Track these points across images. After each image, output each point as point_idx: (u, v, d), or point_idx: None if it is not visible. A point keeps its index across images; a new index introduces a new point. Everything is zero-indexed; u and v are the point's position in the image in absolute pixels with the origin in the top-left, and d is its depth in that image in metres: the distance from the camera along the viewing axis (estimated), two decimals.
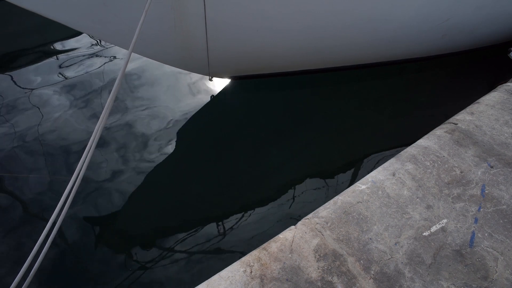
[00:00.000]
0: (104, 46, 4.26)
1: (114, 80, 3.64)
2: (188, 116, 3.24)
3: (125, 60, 1.85)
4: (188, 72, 3.41)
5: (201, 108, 3.35)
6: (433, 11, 2.96)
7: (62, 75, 3.72)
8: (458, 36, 3.40)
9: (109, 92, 3.45)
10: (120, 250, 2.20)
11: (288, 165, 2.84)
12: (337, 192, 1.91)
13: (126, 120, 3.14)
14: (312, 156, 2.93)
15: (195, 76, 3.69)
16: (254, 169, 2.79)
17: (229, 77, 3.40)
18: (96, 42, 4.35)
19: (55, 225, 1.53)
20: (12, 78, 3.66)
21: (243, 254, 1.60)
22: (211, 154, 2.90)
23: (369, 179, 1.94)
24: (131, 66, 3.82)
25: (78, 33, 4.42)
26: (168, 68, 3.79)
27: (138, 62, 3.91)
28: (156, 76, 3.74)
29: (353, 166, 2.85)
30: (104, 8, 2.22)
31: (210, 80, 3.18)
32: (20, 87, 3.54)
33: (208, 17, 2.39)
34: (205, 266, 2.13)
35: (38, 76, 3.70)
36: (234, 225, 2.37)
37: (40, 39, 4.32)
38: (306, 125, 3.18)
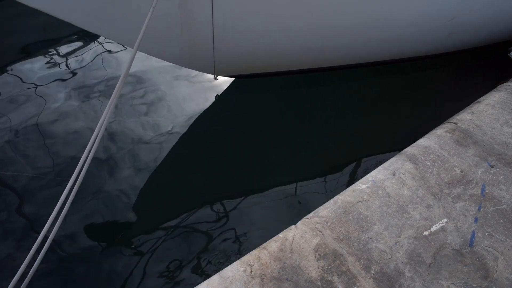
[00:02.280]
0: (104, 43, 4.26)
1: (118, 77, 3.64)
2: (192, 115, 3.24)
3: (130, 58, 1.83)
4: (193, 71, 3.41)
5: (205, 106, 3.35)
6: (439, 9, 2.95)
7: (65, 73, 3.72)
8: (464, 34, 3.40)
9: (113, 89, 3.45)
10: (119, 249, 2.20)
11: (289, 164, 2.84)
12: (337, 192, 1.91)
13: (130, 118, 3.14)
14: (313, 155, 2.93)
15: (200, 75, 3.70)
16: (256, 168, 2.80)
17: (234, 76, 3.39)
18: (98, 38, 4.35)
19: (53, 227, 1.53)
20: (13, 75, 3.66)
21: (243, 253, 1.60)
22: (213, 153, 2.90)
23: (369, 179, 1.94)
24: (134, 64, 3.81)
25: (81, 30, 4.42)
26: (173, 67, 3.79)
27: (142, 60, 3.90)
28: (160, 75, 3.74)
29: (353, 166, 2.85)
30: (111, 7, 2.21)
31: (215, 79, 3.17)
32: (21, 83, 3.54)
33: (216, 16, 2.38)
34: (205, 266, 2.13)
35: (41, 74, 3.69)
36: (234, 224, 2.37)
37: (42, 36, 4.32)
38: (307, 124, 3.18)
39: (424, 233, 1.68)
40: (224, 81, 3.59)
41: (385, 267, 1.55)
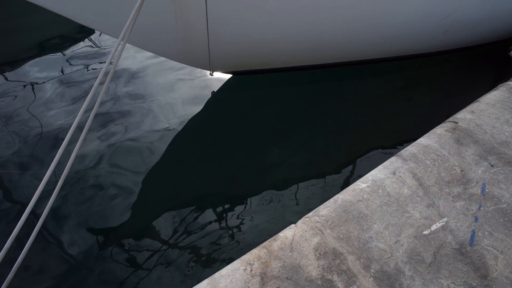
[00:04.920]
0: (100, 43, 4.25)
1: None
2: (188, 112, 3.23)
3: (114, 49, 1.81)
4: (189, 66, 3.40)
5: (201, 103, 3.34)
6: (434, 6, 2.95)
7: (61, 71, 3.71)
8: (460, 32, 3.39)
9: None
10: (117, 248, 2.20)
11: (288, 163, 2.84)
12: (337, 191, 1.91)
13: (126, 115, 3.13)
14: (313, 154, 2.92)
15: (196, 71, 3.69)
16: (254, 166, 2.79)
17: (230, 72, 3.39)
18: (95, 38, 4.34)
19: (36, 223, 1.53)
20: (7, 74, 3.65)
21: (244, 252, 1.60)
22: (211, 150, 2.90)
23: (370, 178, 1.93)
24: (130, 60, 3.81)
25: (77, 30, 4.42)
26: (168, 62, 3.77)
27: (137, 56, 3.89)
28: (156, 71, 3.73)
29: (354, 165, 2.85)
30: (106, 1, 2.22)
31: (211, 75, 3.17)
32: (15, 82, 3.53)
33: (210, 11, 2.39)
34: (205, 265, 2.13)
35: (37, 72, 3.69)
36: (234, 223, 2.37)
37: (38, 36, 4.31)
38: (305, 122, 3.18)
39: (424, 232, 1.68)
40: (220, 77, 3.58)
41: (385, 266, 1.55)
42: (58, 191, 1.63)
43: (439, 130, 2.28)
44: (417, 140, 2.22)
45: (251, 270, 1.50)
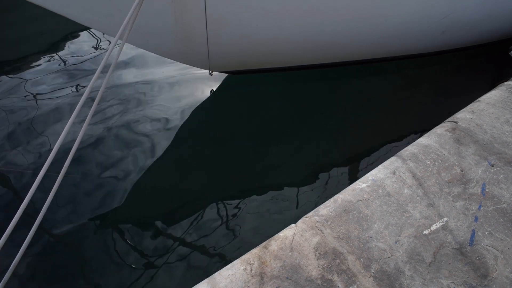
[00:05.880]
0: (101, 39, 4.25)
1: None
2: (187, 111, 3.23)
3: (111, 48, 1.82)
4: (188, 66, 3.42)
5: (201, 102, 3.34)
6: (433, 7, 2.95)
7: (60, 70, 3.71)
8: (459, 32, 3.40)
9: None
10: (117, 247, 2.20)
11: (288, 162, 2.84)
12: (337, 191, 1.91)
13: (125, 115, 3.13)
14: (312, 153, 2.92)
15: (195, 70, 3.69)
16: (254, 166, 2.79)
17: (229, 72, 3.40)
18: (98, 40, 4.34)
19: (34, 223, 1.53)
20: (9, 78, 3.65)
21: (243, 252, 1.60)
22: (210, 150, 2.90)
23: (370, 178, 1.93)
24: (129, 60, 3.82)
25: (79, 29, 4.42)
26: (168, 62, 3.78)
27: (136, 55, 3.89)
28: (155, 70, 3.74)
29: (354, 165, 2.85)
30: (107, 1, 2.22)
31: (210, 74, 3.18)
32: (13, 81, 3.53)
33: (209, 11, 2.40)
34: (205, 265, 2.13)
35: (34, 71, 3.69)
36: (234, 223, 2.37)
37: (37, 35, 4.31)
38: (306, 122, 3.18)
39: (424, 232, 1.68)
40: (220, 77, 3.58)
41: (385, 265, 1.55)
42: (57, 189, 1.63)
43: (439, 130, 2.28)
44: (417, 140, 2.22)
45: (251, 270, 1.50)
